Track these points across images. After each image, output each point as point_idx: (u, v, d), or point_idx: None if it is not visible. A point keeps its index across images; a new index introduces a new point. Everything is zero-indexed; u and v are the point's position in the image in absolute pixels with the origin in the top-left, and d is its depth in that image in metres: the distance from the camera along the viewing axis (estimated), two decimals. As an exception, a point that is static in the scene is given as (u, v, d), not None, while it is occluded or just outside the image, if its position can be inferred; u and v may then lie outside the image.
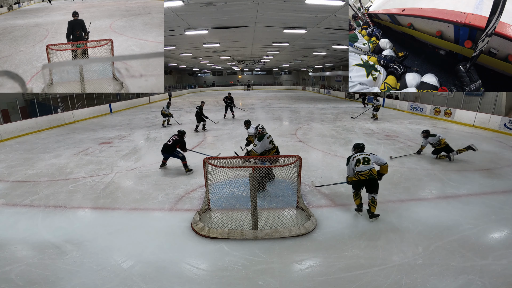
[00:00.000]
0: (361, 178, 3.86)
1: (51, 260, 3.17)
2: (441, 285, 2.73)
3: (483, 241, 3.43)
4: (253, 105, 19.88)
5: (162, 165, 6.16)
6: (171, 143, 5.71)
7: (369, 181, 3.85)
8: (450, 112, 12.13)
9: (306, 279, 2.85)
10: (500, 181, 5.29)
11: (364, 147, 4.12)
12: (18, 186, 5.42)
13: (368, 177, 3.82)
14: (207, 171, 3.83)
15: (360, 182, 3.92)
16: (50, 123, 12.10)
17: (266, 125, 11.61)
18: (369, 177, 3.82)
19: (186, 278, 2.90)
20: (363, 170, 3.83)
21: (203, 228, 3.69)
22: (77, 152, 7.84)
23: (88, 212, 4.39)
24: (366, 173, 3.82)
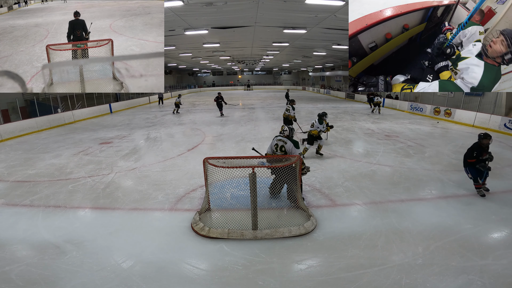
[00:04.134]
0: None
1: (51, 260, 3.17)
2: (441, 285, 2.73)
3: (483, 241, 3.43)
4: (253, 105, 19.89)
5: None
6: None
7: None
8: (450, 112, 12.13)
9: (306, 279, 2.85)
10: (500, 181, 5.29)
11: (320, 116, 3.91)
12: (18, 186, 5.42)
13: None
14: (207, 171, 3.83)
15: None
16: (50, 123, 12.11)
17: (266, 125, 11.64)
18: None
19: (186, 278, 2.90)
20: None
21: (203, 228, 3.69)
22: (77, 152, 7.84)
23: (88, 212, 4.39)
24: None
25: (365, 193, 4.78)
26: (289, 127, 4.70)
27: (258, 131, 10.35)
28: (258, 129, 10.67)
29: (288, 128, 4.66)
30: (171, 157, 7.13)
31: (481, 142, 4.43)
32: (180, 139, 9.36)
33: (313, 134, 6.61)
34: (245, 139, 8.99)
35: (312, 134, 6.61)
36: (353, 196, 4.68)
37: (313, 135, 6.62)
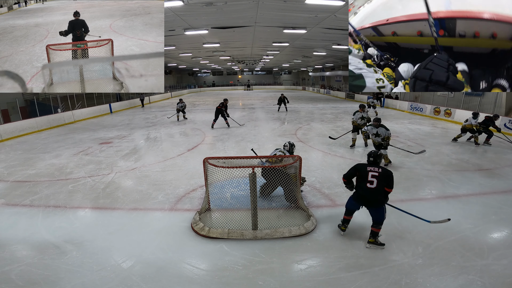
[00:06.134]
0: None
1: (51, 260, 3.17)
2: (441, 285, 2.73)
3: (483, 241, 3.43)
4: (253, 105, 19.89)
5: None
6: None
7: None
8: (450, 112, 12.13)
9: (306, 279, 2.85)
10: (500, 181, 5.30)
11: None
12: (18, 186, 5.42)
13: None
14: (207, 171, 3.83)
15: None
16: (50, 123, 12.11)
17: (266, 125, 11.64)
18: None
19: (186, 278, 2.90)
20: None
21: (203, 228, 3.69)
22: (77, 152, 7.84)
23: (88, 212, 4.39)
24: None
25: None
26: (289, 143, 4.73)
27: (258, 131, 10.35)
28: (258, 129, 10.67)
29: (289, 144, 4.70)
30: (171, 157, 7.14)
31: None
32: (180, 139, 9.36)
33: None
34: (245, 139, 8.99)
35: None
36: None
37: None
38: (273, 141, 8.56)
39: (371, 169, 3.30)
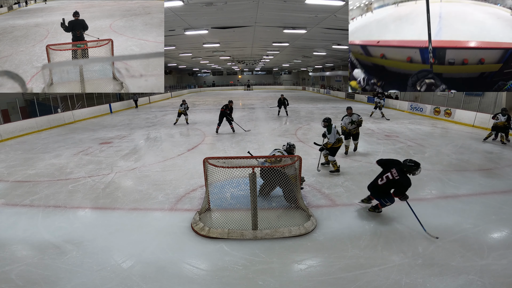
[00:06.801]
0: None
1: (51, 260, 3.17)
2: (441, 285, 2.73)
3: (483, 241, 3.43)
4: (253, 105, 19.89)
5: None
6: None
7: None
8: (450, 112, 12.13)
9: (306, 279, 2.85)
10: (500, 181, 5.30)
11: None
12: (18, 186, 5.42)
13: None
14: (207, 171, 3.83)
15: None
16: (50, 123, 12.11)
17: (266, 125, 11.64)
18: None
19: (186, 278, 2.90)
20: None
21: (203, 228, 3.69)
22: (77, 152, 7.84)
23: (88, 212, 4.39)
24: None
25: (365, 193, 4.77)
26: (289, 143, 4.74)
27: (258, 131, 10.35)
28: (258, 129, 10.67)
29: (289, 144, 4.71)
30: (171, 157, 7.14)
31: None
32: (180, 139, 9.36)
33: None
34: (245, 139, 8.99)
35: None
36: (353, 196, 4.68)
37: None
38: (273, 141, 8.56)
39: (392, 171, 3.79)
